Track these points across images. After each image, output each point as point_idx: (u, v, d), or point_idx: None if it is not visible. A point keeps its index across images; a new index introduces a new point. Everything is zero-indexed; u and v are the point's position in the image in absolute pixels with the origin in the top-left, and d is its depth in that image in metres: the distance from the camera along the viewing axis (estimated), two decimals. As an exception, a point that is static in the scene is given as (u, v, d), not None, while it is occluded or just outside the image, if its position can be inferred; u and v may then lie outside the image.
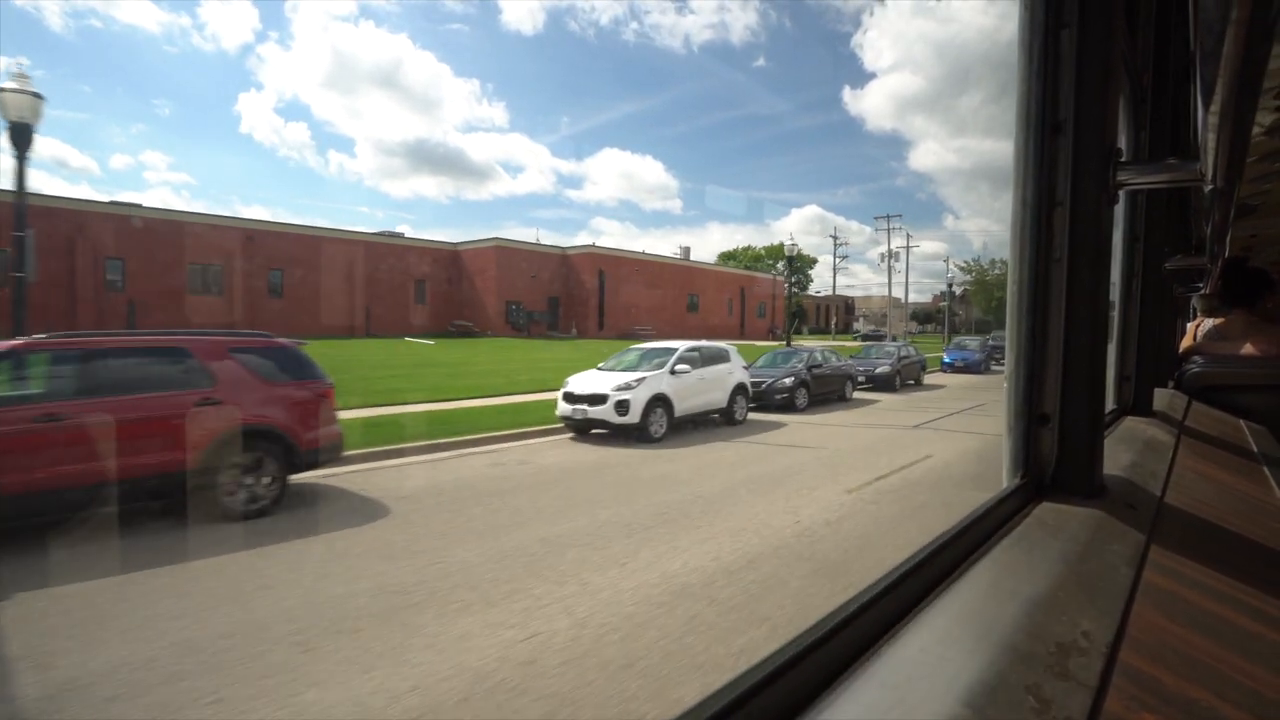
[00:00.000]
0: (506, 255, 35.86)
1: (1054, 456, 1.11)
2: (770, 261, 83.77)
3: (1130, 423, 1.99)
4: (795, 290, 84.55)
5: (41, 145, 66.86)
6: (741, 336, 46.94)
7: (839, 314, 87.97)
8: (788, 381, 13.92)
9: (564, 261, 38.70)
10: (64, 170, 64.98)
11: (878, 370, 18.38)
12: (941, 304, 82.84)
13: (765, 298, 51.03)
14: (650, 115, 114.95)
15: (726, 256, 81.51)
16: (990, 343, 31.04)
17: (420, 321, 35.52)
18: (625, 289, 38.89)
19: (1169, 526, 1.09)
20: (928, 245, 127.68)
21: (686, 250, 58.85)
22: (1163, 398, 2.52)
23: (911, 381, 20.20)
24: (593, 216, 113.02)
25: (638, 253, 41.95)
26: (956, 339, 28.93)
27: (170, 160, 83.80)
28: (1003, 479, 1.13)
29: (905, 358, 19.48)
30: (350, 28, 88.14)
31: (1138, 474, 1.33)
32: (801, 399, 14.15)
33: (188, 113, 79.44)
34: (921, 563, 0.74)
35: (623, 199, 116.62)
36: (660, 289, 41.50)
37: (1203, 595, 0.88)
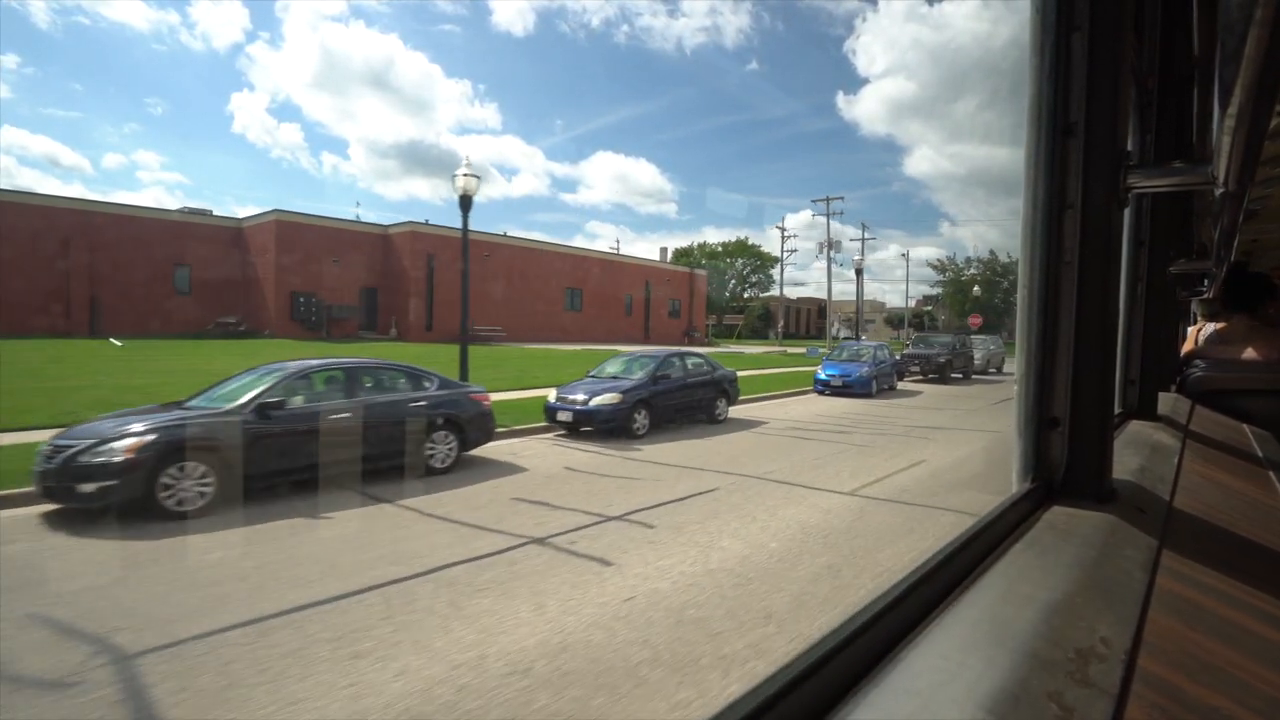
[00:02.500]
0: (293, 233, 27.38)
1: (1064, 460, 1.10)
2: (729, 260, 75.49)
3: (1136, 426, 1.99)
4: (756, 291, 76.45)
5: (33, 143, 64.36)
6: (646, 340, 38.39)
7: (810, 317, 79.43)
8: (118, 451, 5.43)
9: (385, 244, 30.24)
10: (56, 169, 61.00)
11: (593, 404, 9.92)
12: (925, 307, 74.03)
13: (680, 294, 42.36)
14: (645, 119, 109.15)
15: (681, 254, 73.60)
16: (909, 349, 22.18)
17: (185, 316, 27.27)
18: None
19: (1180, 531, 1.08)
20: (923, 251, 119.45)
21: (664, 251, 51.35)
22: (1166, 401, 2.48)
23: (703, 417, 11.75)
24: (588, 220, 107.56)
25: (496, 234, 33.46)
26: (844, 344, 19.88)
27: (164, 160, 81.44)
28: (1012, 482, 1.11)
29: (662, 379, 10.98)
30: (341, 28, 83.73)
31: (1146, 478, 1.32)
32: (188, 493, 5.68)
33: (181, 112, 78.64)
34: (936, 568, 0.73)
35: (617, 203, 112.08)
36: (523, 281, 32.97)
37: (1217, 601, 0.87)
